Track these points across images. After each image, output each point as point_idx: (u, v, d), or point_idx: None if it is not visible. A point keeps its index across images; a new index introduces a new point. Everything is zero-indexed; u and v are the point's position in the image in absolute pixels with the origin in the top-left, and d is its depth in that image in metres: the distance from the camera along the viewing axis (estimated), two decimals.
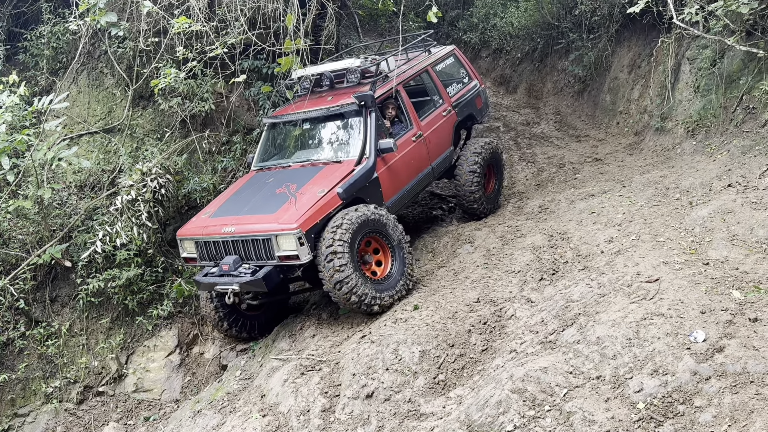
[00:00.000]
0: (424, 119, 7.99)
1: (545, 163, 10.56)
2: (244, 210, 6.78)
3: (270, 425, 5.43)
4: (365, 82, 7.62)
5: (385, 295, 6.41)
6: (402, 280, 6.61)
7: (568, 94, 13.54)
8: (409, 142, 7.64)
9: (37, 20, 9.50)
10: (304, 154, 7.56)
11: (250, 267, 6.42)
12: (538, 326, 5.43)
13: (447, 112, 8.33)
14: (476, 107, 8.98)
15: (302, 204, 6.45)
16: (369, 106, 7.21)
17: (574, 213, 7.75)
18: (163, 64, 8.29)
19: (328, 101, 7.53)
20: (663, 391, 4.12)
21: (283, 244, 6.28)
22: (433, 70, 8.41)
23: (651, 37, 10.96)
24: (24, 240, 7.80)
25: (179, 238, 6.99)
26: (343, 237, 6.20)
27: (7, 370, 7.46)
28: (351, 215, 6.36)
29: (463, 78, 8.97)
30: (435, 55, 8.68)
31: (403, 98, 7.74)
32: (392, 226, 6.68)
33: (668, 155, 9.24)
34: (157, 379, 7.76)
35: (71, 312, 7.90)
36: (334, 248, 6.15)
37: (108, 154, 8.66)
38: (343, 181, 6.73)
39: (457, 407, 4.85)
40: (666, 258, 5.75)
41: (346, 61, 7.94)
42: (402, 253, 6.71)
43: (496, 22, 16.27)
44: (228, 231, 6.53)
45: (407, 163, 7.55)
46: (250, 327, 7.46)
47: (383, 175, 7.17)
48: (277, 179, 7.15)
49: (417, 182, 7.78)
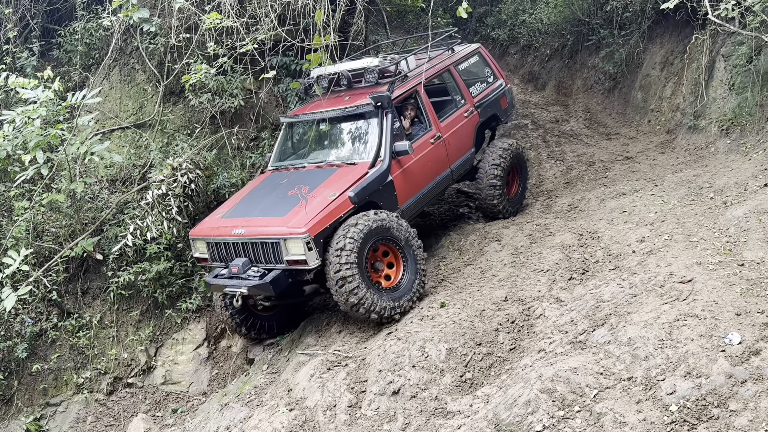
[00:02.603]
0: (444, 120, 7.80)
1: (574, 161, 10.44)
2: (255, 212, 6.69)
3: (297, 419, 5.46)
4: (383, 82, 7.43)
5: (394, 304, 6.24)
6: (414, 288, 6.42)
7: (598, 91, 13.37)
8: (427, 144, 7.46)
9: (71, 17, 9.66)
10: (320, 155, 7.43)
11: (259, 270, 6.31)
12: (568, 326, 5.36)
13: (469, 113, 8.13)
14: (501, 107, 8.73)
15: (312, 208, 6.30)
16: (385, 107, 7.04)
17: (605, 212, 7.64)
18: (193, 60, 8.36)
19: (345, 101, 7.37)
20: (697, 393, 4.04)
21: (292, 248, 6.15)
22: (456, 70, 8.20)
23: (684, 33, 10.77)
24: (57, 233, 7.94)
25: (191, 238, 6.95)
26: (352, 246, 6.04)
27: (39, 360, 7.61)
28: (361, 223, 6.16)
29: (488, 77, 8.75)
30: (458, 53, 8.47)
31: (422, 99, 7.56)
32: (404, 234, 6.45)
33: (701, 154, 9.07)
34: (185, 371, 7.85)
35: (102, 304, 8.03)
36: (343, 258, 6.00)
37: (139, 149, 8.78)
38: (356, 185, 6.56)
39: (485, 406, 4.82)
40: (700, 258, 5.64)
41: (364, 60, 7.74)
42: (414, 261, 6.50)
43: (525, 19, 16.15)
44: (238, 233, 6.43)
45: (424, 166, 7.36)
46: (269, 328, 7.42)
47: (398, 178, 6.98)
48: (291, 180, 7.03)
49: (434, 185, 7.57)
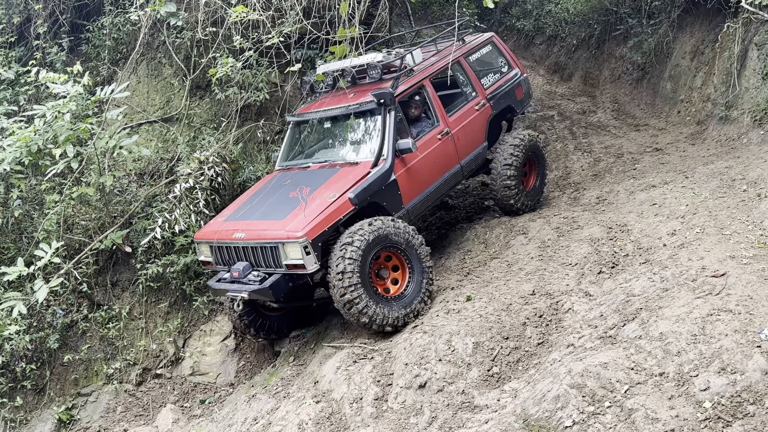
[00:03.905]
0: (453, 115, 7.55)
1: (602, 153, 10.29)
2: (256, 215, 6.58)
3: (323, 411, 5.48)
4: (387, 78, 7.21)
5: (406, 311, 6.11)
6: (422, 288, 6.27)
7: (626, 81, 13.16)
8: (434, 141, 7.25)
9: (99, 12, 9.76)
10: (324, 155, 7.31)
11: (259, 274, 6.21)
12: (597, 320, 5.29)
13: (480, 106, 7.86)
14: (516, 98, 8.43)
15: (311, 211, 6.16)
16: (387, 104, 6.81)
17: (634, 204, 7.52)
18: (219, 54, 8.40)
19: (349, 99, 7.17)
20: (731, 390, 3.96)
21: (290, 252, 6.02)
22: (466, 61, 7.94)
23: (716, 21, 10.53)
24: (87, 226, 8.06)
25: (196, 241, 6.93)
26: (353, 267, 5.85)
27: (71, 351, 7.74)
28: (357, 239, 5.95)
29: (502, 67, 8.43)
30: (469, 44, 8.16)
31: (429, 93, 7.35)
32: (403, 236, 6.22)
33: (733, 145, 8.88)
34: (213, 362, 7.93)
35: (131, 296, 8.14)
36: (345, 281, 5.83)
37: (166, 142, 8.86)
38: (356, 186, 6.39)
39: (512, 401, 4.79)
40: (733, 252, 5.52)
41: (368, 55, 7.44)
42: (419, 260, 6.31)
43: (551, 9, 15.95)
44: (239, 237, 6.35)
45: (431, 163, 7.15)
46: (278, 328, 7.40)
47: (402, 177, 6.79)
48: (294, 181, 6.90)
49: (442, 183, 7.34)
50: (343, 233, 6.12)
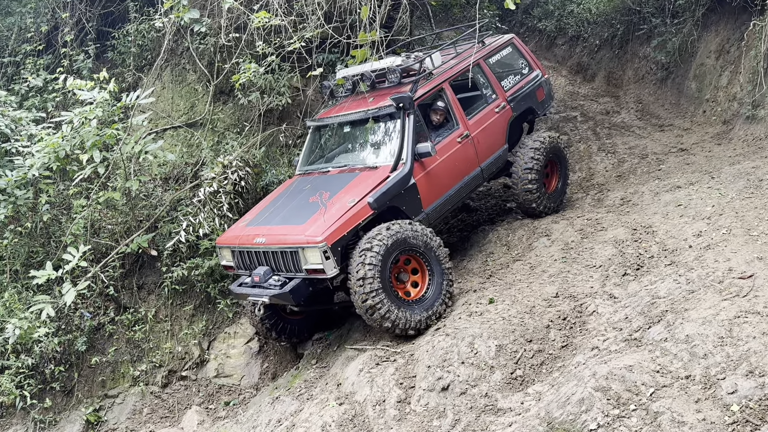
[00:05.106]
0: (473, 117, 7.53)
1: (626, 154, 10.19)
2: (276, 219, 6.63)
3: (346, 413, 5.49)
4: (406, 82, 7.22)
5: (427, 314, 6.14)
6: (443, 290, 6.28)
7: (650, 81, 13.01)
8: (454, 144, 7.24)
9: (124, 19, 9.94)
10: (343, 159, 7.32)
11: (279, 279, 6.26)
12: (622, 323, 5.24)
13: (500, 108, 7.84)
14: (536, 100, 8.39)
15: (330, 215, 6.19)
16: (406, 107, 6.81)
17: (659, 205, 7.44)
18: (242, 60, 8.49)
19: (368, 103, 7.18)
20: (760, 393, 3.90)
21: (309, 257, 6.06)
22: (486, 63, 7.92)
23: (741, 20, 10.37)
24: (113, 230, 8.19)
25: (218, 246, 7.00)
26: (373, 273, 5.87)
27: (98, 353, 7.87)
28: (375, 245, 5.95)
29: (522, 69, 8.40)
30: (489, 46, 8.15)
31: (448, 96, 7.34)
32: (421, 239, 6.22)
33: (760, 145, 8.74)
34: (237, 365, 8.00)
35: (157, 299, 8.24)
36: (366, 287, 5.86)
37: (191, 147, 8.97)
38: (376, 190, 6.40)
39: (536, 404, 4.76)
40: (760, 253, 5.43)
41: (387, 60, 7.46)
42: (438, 262, 6.31)
43: (573, 9, 15.82)
44: (259, 241, 6.40)
45: (451, 167, 7.14)
46: (299, 331, 7.45)
47: (421, 181, 6.80)
48: (314, 186, 6.93)
49: (462, 186, 7.32)
50: (362, 238, 6.14)
